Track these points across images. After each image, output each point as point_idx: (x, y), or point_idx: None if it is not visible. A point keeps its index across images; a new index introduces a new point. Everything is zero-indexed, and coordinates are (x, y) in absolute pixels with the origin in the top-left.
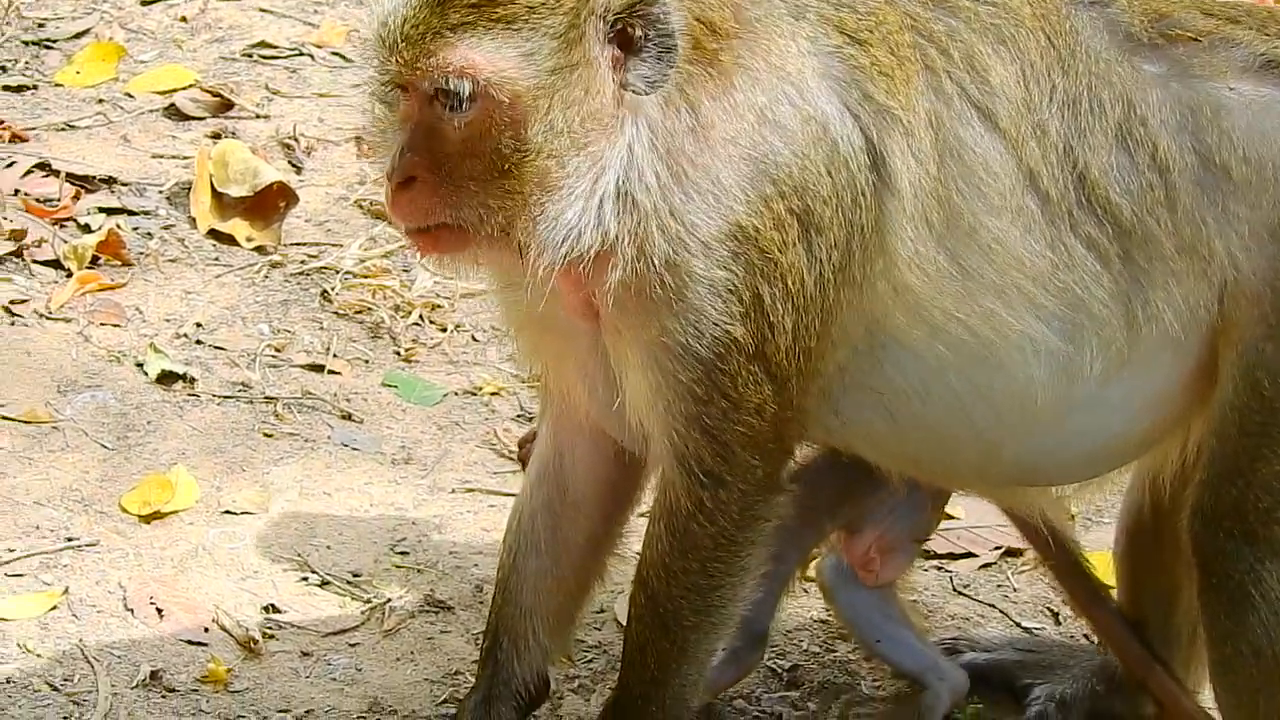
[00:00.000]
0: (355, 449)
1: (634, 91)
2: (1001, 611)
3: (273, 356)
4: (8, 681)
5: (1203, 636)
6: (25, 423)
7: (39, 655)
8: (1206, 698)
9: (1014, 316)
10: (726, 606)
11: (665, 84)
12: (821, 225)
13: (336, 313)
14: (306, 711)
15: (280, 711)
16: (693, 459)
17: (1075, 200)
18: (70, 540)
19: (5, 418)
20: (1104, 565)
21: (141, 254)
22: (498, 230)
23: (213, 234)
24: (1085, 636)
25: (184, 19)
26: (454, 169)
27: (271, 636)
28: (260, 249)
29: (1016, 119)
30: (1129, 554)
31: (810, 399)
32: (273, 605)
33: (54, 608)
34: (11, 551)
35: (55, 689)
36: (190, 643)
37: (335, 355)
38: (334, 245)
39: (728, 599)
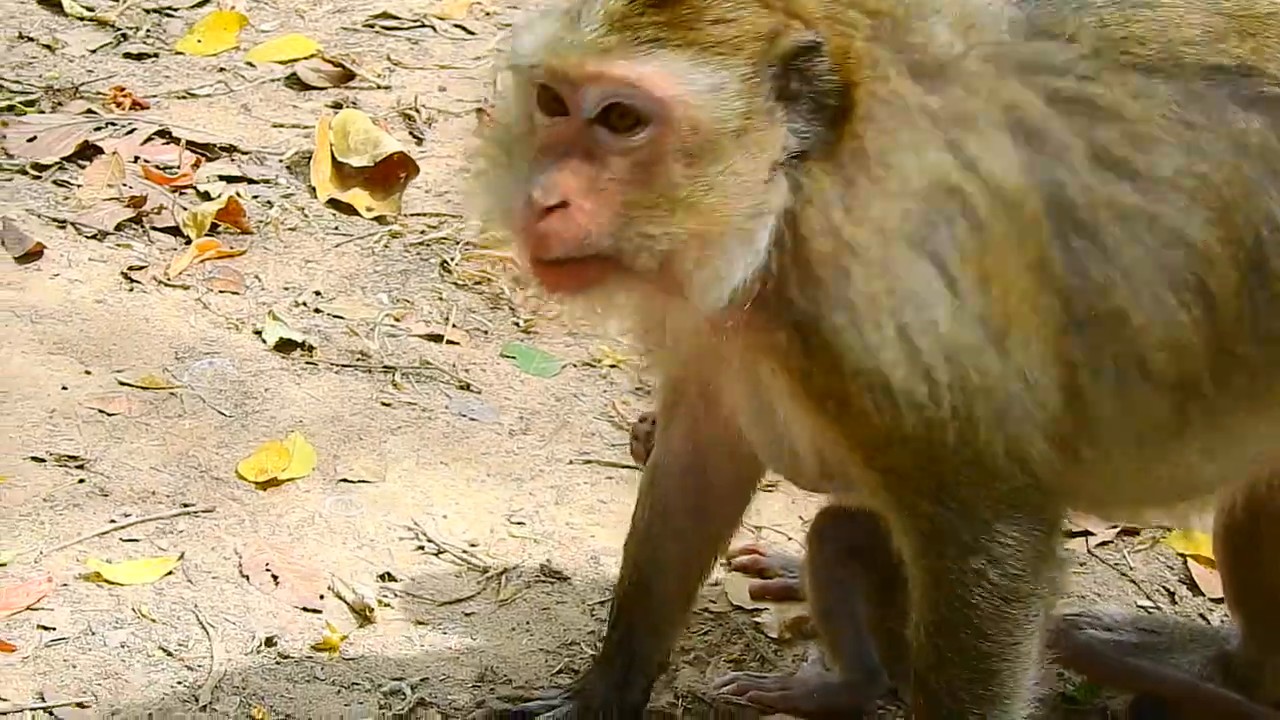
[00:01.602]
0: (473, 419)
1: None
2: (1118, 589)
3: (391, 326)
4: (122, 646)
5: None
6: (143, 389)
7: (154, 620)
8: None
9: None
10: (1010, 698)
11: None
12: None
13: (455, 283)
14: (421, 680)
15: (394, 679)
16: (918, 520)
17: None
18: (186, 506)
19: (123, 383)
20: None
21: (261, 222)
22: (655, 264)
23: (332, 203)
24: (1203, 617)
25: None
26: (614, 195)
27: (386, 605)
28: (380, 219)
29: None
30: (1228, 550)
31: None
32: (388, 574)
33: (169, 573)
34: (127, 517)
35: (170, 654)
36: (305, 610)
37: (454, 325)
38: (454, 216)
39: (1011, 688)
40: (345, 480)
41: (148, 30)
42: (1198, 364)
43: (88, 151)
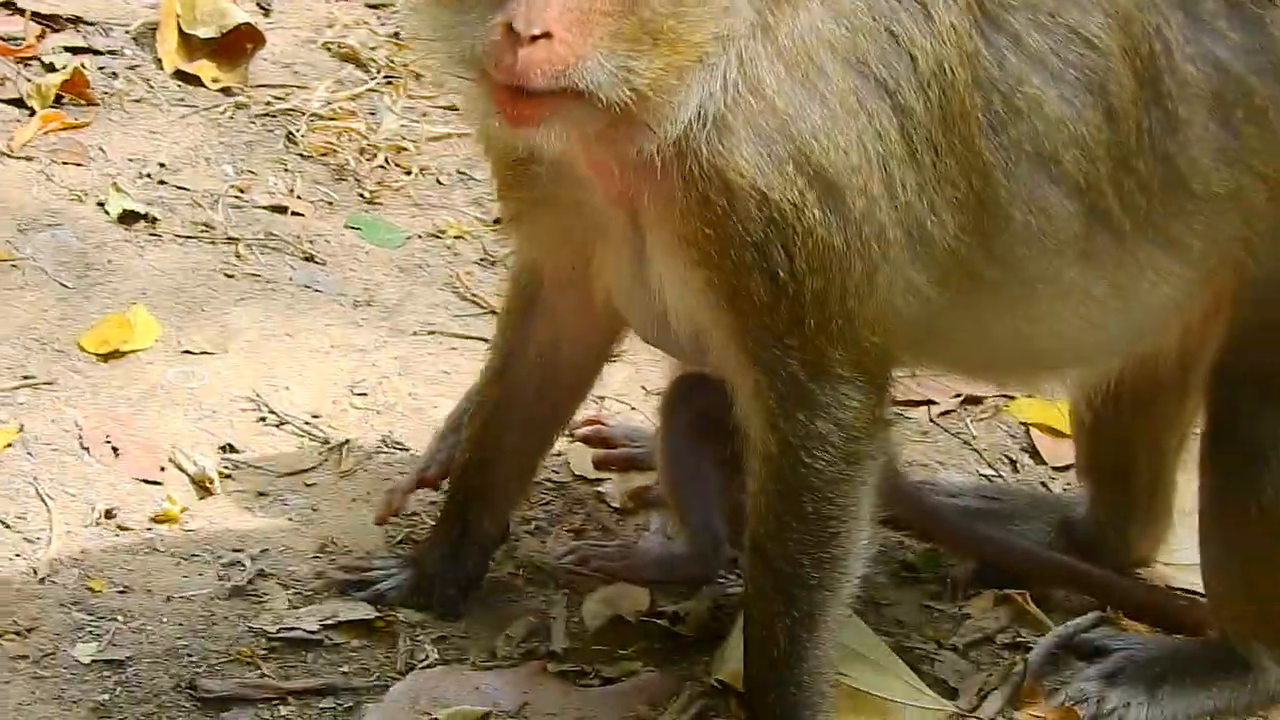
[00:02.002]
0: (317, 290)
1: None
2: (960, 458)
3: (236, 197)
4: None
5: (1164, 498)
6: None
7: None
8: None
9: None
10: (848, 558)
11: None
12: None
13: (301, 154)
14: (261, 550)
15: (234, 551)
16: (775, 381)
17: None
18: (27, 378)
19: None
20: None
21: (106, 94)
22: (626, 99)
23: (179, 75)
24: (1044, 485)
25: None
26: (598, 27)
27: (228, 476)
28: (226, 90)
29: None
30: (1087, 417)
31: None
32: (230, 445)
33: (9, 445)
34: None
35: (7, 526)
36: (145, 481)
37: (299, 197)
38: (300, 88)
39: (848, 549)
40: (188, 352)
41: None
42: (1101, 171)
43: None
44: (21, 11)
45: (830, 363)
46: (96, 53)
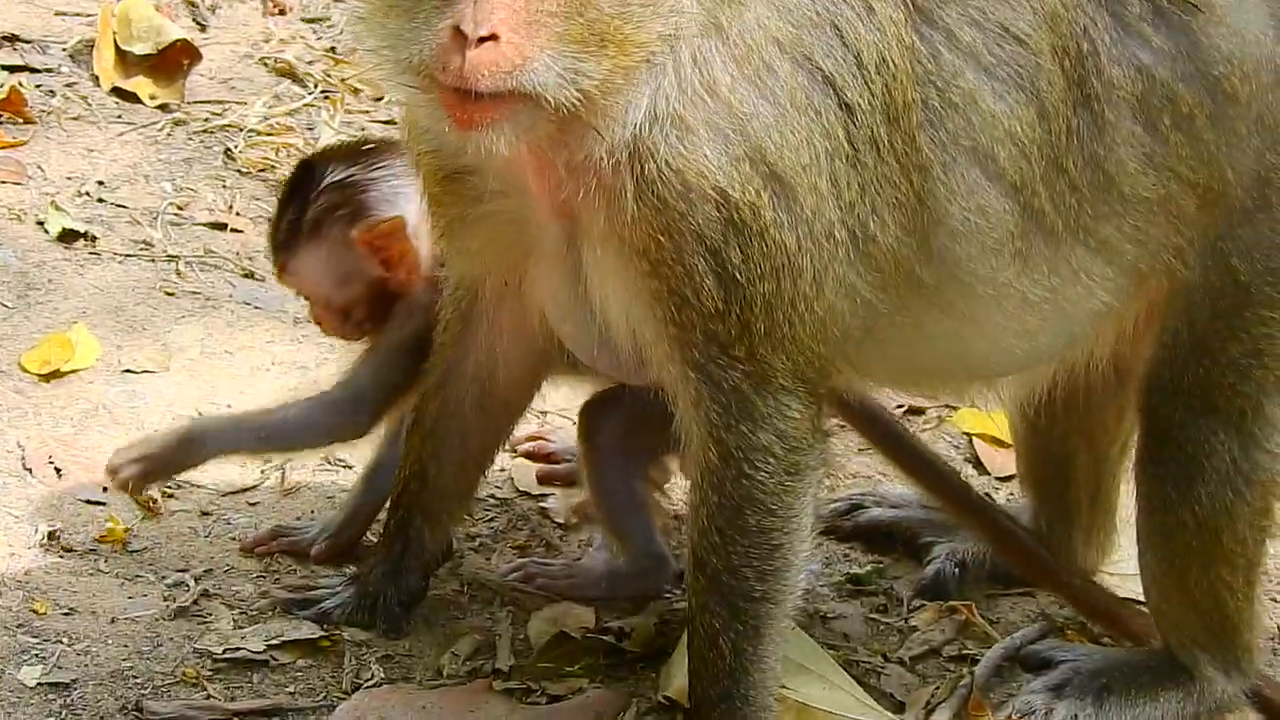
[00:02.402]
0: (257, 308)
1: None
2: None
3: (175, 215)
4: None
5: (1105, 507)
6: None
7: None
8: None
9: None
10: (790, 570)
11: None
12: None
13: (240, 171)
14: (205, 570)
15: (179, 571)
16: (718, 392)
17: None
18: None
19: None
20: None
21: (44, 111)
22: (574, 102)
23: (116, 91)
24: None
25: None
26: (546, 29)
27: (171, 496)
28: (163, 107)
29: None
30: (1025, 426)
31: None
32: None
33: None
34: None
35: None
36: (89, 502)
37: (238, 213)
38: (238, 103)
39: (790, 560)
40: (129, 371)
41: None
42: (1035, 169)
43: None
44: None
45: (773, 373)
46: (33, 70)
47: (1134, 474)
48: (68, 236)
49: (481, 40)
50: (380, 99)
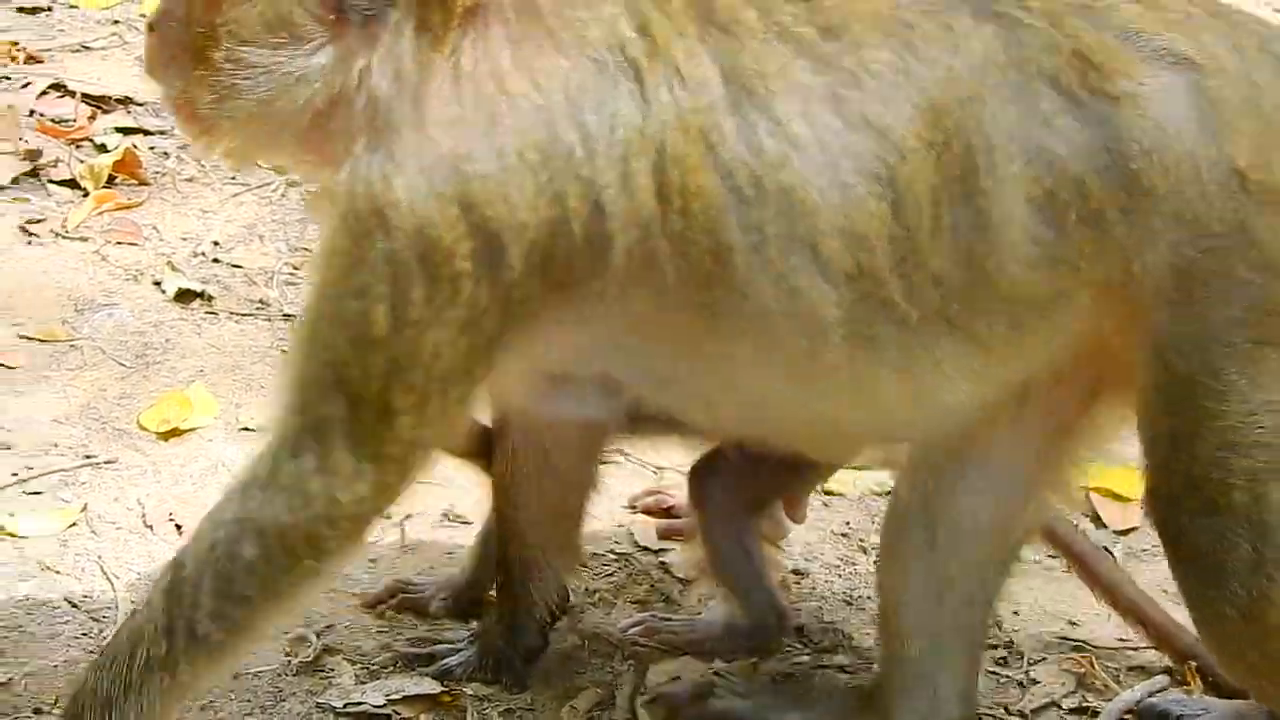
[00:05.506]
0: None
1: (350, 18)
2: None
3: (290, 274)
4: (27, 598)
5: None
6: (43, 341)
7: (58, 572)
8: None
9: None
10: (241, 637)
11: (386, 19)
12: None
13: None
14: (326, 626)
15: (300, 626)
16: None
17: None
18: (89, 458)
19: (23, 337)
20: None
21: (158, 173)
22: (202, 116)
23: None
24: (1108, 549)
25: None
26: (180, 31)
27: None
28: (277, 168)
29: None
30: None
31: None
32: None
33: (73, 525)
34: (30, 469)
35: (75, 605)
36: None
37: None
38: None
39: (251, 625)
40: (246, 429)
41: None
42: (881, 263)
43: None
44: (72, 93)
45: (384, 437)
46: (147, 133)
47: (1173, 577)
48: (184, 296)
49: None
50: None
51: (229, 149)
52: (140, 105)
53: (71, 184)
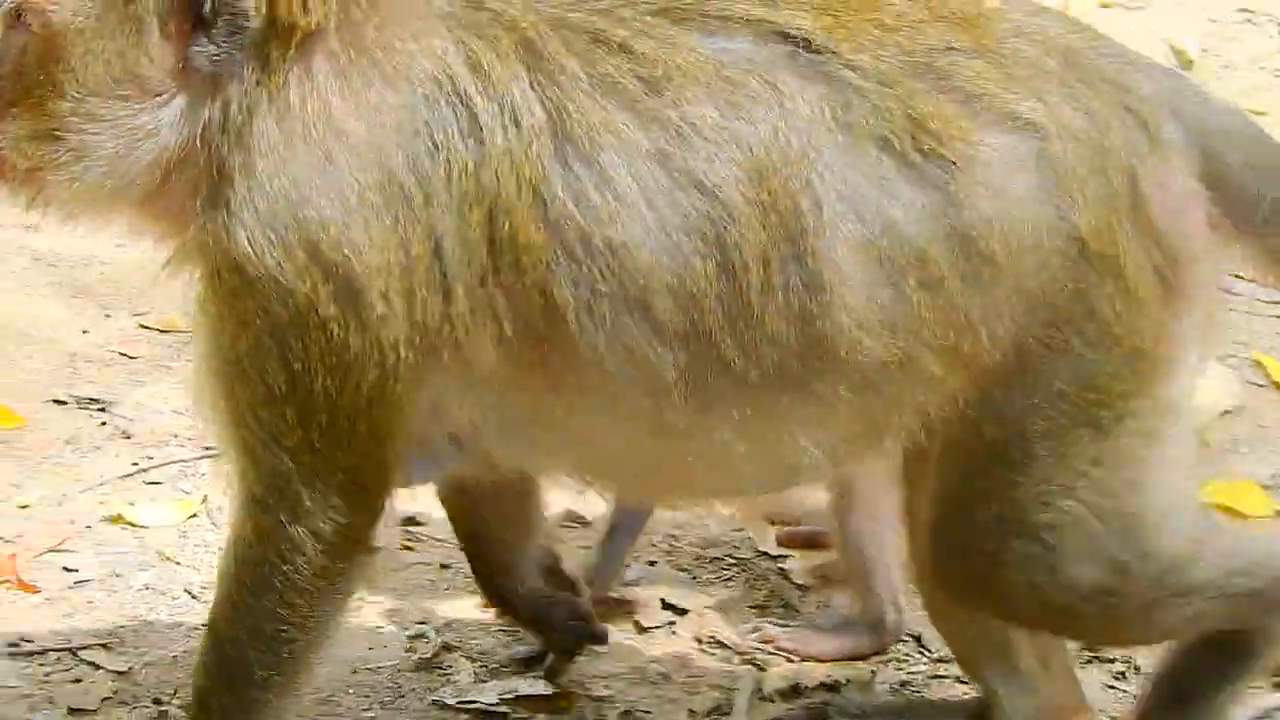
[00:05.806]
0: None
1: (198, 66)
2: None
3: None
4: (147, 588)
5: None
6: (163, 331)
7: (177, 563)
8: None
9: None
10: (297, 669)
11: (234, 65)
12: None
13: None
14: (445, 624)
15: (419, 623)
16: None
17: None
18: (208, 449)
19: (144, 327)
20: (1248, 496)
21: None
22: (26, 170)
23: None
24: None
25: None
26: (8, 80)
27: (409, 548)
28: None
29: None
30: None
31: None
32: (413, 517)
33: (193, 516)
34: (150, 459)
35: (194, 596)
36: None
37: None
38: None
39: (300, 659)
40: None
41: None
42: (714, 322)
43: None
44: None
45: (330, 470)
46: None
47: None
48: None
49: None
50: None
51: (59, 206)
52: None
53: None
